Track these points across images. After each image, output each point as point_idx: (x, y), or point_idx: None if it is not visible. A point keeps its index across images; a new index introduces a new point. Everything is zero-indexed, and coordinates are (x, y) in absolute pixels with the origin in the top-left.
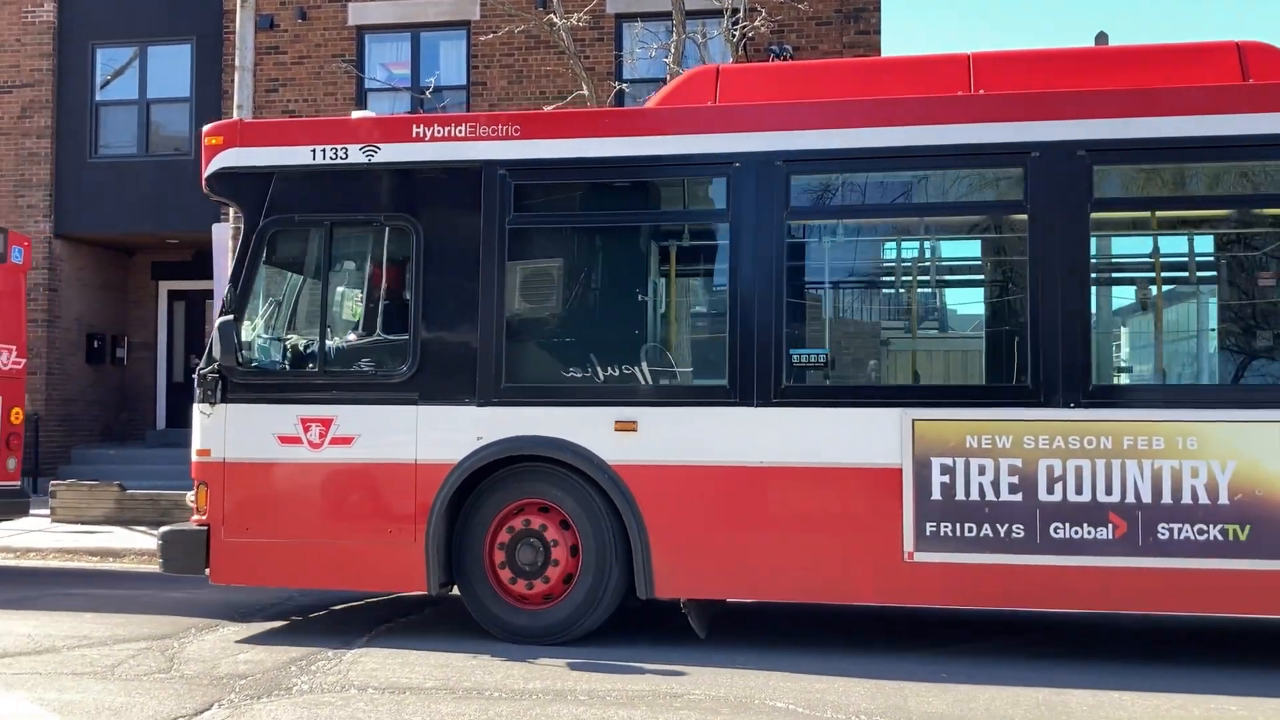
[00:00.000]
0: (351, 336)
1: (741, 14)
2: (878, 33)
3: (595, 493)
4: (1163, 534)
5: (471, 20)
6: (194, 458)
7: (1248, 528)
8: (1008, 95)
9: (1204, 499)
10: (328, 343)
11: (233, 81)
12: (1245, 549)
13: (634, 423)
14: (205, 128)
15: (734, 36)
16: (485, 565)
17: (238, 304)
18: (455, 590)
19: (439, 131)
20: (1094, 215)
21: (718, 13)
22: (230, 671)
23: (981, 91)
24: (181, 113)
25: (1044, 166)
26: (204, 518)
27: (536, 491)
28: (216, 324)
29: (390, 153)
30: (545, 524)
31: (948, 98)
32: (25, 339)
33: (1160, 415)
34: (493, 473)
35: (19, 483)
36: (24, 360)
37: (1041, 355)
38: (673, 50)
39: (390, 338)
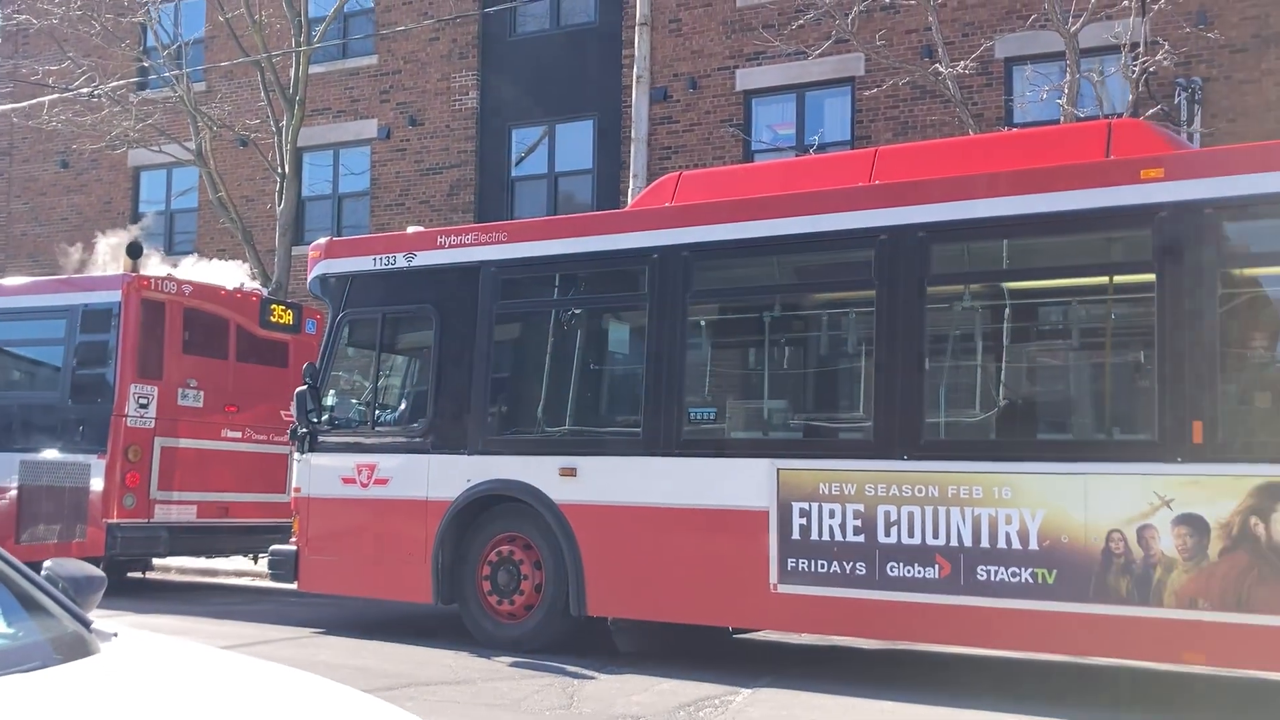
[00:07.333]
0: (391, 402)
1: (1142, 48)
2: None
3: (549, 527)
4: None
5: (856, 76)
6: (291, 494)
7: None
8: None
9: (1017, 544)
10: (375, 407)
11: (629, 153)
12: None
13: (574, 469)
14: (312, 245)
15: (1133, 73)
16: (476, 585)
17: (320, 378)
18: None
19: (454, 240)
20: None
21: (1115, 49)
22: (624, 713)
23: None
24: (585, 183)
25: (887, 248)
26: (295, 540)
27: (511, 526)
28: (295, 393)
29: (423, 258)
30: (515, 551)
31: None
32: None
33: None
34: (481, 508)
35: None
36: None
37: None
38: (1066, 91)
39: (415, 402)
